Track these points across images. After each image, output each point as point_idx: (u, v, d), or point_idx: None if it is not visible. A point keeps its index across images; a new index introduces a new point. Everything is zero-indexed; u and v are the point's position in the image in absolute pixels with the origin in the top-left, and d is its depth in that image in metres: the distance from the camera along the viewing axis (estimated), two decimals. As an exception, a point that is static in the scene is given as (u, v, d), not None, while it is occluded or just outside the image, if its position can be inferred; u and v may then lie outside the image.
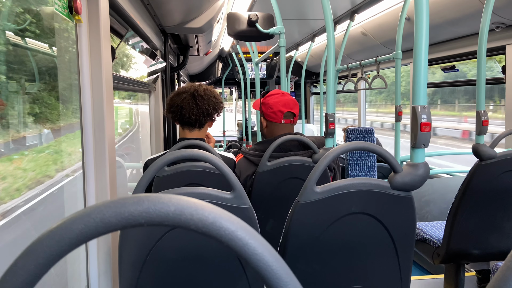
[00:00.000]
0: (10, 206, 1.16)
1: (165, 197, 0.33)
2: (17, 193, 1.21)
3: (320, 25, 4.21)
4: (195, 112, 1.74)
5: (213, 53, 5.45)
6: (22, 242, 1.19)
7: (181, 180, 1.53)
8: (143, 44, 2.75)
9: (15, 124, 1.19)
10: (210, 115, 1.79)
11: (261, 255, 0.32)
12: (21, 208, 1.22)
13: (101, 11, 1.36)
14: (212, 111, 1.78)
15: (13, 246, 1.17)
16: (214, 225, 0.32)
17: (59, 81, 1.42)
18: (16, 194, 1.20)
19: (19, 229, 1.24)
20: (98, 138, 1.39)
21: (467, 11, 2.52)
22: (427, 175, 1.14)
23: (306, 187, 1.08)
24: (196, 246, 1.06)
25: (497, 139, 1.73)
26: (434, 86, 3.79)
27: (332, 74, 1.75)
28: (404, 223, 1.13)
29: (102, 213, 0.32)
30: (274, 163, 1.75)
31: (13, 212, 1.18)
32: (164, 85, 3.38)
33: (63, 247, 0.31)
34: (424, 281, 2.27)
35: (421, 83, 1.14)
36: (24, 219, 1.25)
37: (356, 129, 4.06)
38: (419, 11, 1.12)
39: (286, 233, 1.11)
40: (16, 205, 1.19)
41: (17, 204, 1.20)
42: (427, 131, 1.14)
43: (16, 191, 1.21)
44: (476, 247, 1.82)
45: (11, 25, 1.13)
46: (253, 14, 2.36)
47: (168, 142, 3.50)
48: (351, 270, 1.17)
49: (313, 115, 7.58)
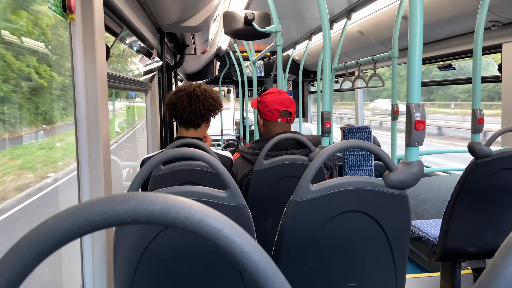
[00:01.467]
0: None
1: (152, 196, 0.33)
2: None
3: (317, 24, 4.20)
4: (187, 111, 1.74)
5: (210, 52, 5.44)
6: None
7: (177, 179, 1.53)
8: (139, 43, 2.74)
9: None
10: (204, 116, 1.79)
11: (248, 253, 0.32)
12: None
13: (95, 10, 1.35)
14: (206, 112, 1.78)
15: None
16: (200, 223, 0.32)
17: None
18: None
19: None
20: (93, 137, 1.39)
21: (463, 9, 2.52)
22: (422, 173, 1.14)
23: (301, 186, 1.07)
24: (191, 244, 1.06)
25: (492, 137, 1.73)
26: (429, 84, 3.79)
27: (328, 72, 1.75)
28: (399, 221, 1.13)
29: (88, 212, 0.32)
30: (271, 162, 1.75)
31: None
32: (161, 84, 3.37)
33: (48, 246, 0.31)
34: (420, 279, 2.28)
35: (415, 81, 1.14)
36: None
37: (354, 128, 4.06)
38: (413, 9, 1.12)
39: (281, 232, 1.10)
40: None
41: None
42: (421, 129, 1.14)
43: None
44: (473, 245, 1.82)
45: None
46: (250, 12, 2.36)
47: (165, 141, 3.49)
48: (346, 268, 1.17)
49: (311, 113, 7.58)
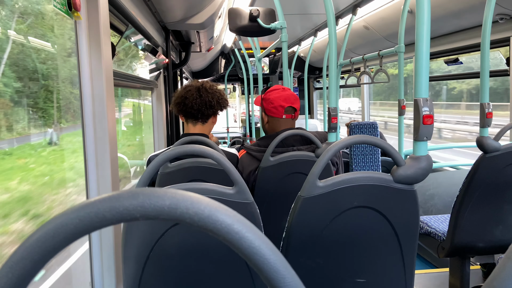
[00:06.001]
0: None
1: (160, 191, 0.32)
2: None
3: (322, 20, 4.18)
4: (198, 102, 1.77)
5: (216, 49, 5.43)
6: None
7: (184, 176, 1.53)
8: (145, 41, 2.74)
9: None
10: (213, 107, 1.81)
11: (258, 248, 0.32)
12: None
13: (100, 8, 1.36)
14: (215, 104, 1.81)
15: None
16: (210, 218, 0.32)
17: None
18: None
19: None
20: (99, 135, 1.39)
21: (470, 3, 2.49)
22: (430, 168, 1.13)
23: (309, 182, 1.07)
24: (198, 241, 1.06)
25: (501, 131, 1.71)
26: (436, 79, 3.76)
27: (334, 68, 1.74)
28: (407, 217, 1.12)
29: (97, 208, 0.31)
30: (277, 158, 1.75)
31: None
32: (166, 82, 3.37)
33: (59, 242, 0.31)
34: (429, 275, 2.27)
35: (423, 76, 1.13)
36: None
37: (360, 124, 4.04)
38: (420, 4, 1.11)
39: (289, 228, 1.10)
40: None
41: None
42: (429, 124, 1.13)
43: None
44: (481, 240, 1.80)
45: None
46: (255, 9, 2.35)
47: (171, 139, 3.50)
48: (355, 264, 1.16)
49: (317, 110, 7.55)
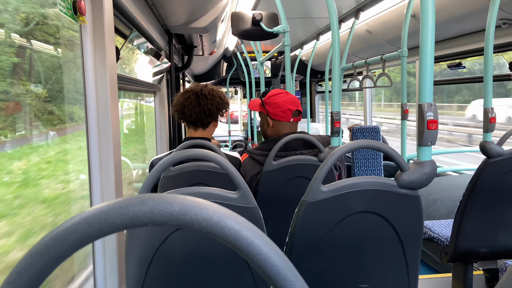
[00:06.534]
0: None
1: (170, 197, 0.33)
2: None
3: (324, 24, 4.19)
4: (196, 111, 1.75)
5: (218, 53, 5.44)
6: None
7: (186, 180, 1.53)
8: (148, 45, 2.75)
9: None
10: (213, 115, 1.80)
11: (267, 255, 0.32)
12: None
13: (105, 12, 1.36)
14: (214, 111, 1.79)
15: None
16: (218, 224, 0.32)
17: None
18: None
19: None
20: (103, 139, 1.40)
21: (474, 7, 2.50)
22: (434, 173, 1.13)
23: (312, 186, 1.07)
24: (202, 245, 1.06)
25: (505, 136, 1.71)
26: (440, 83, 3.76)
27: (337, 72, 1.74)
28: (411, 222, 1.12)
29: (106, 214, 0.32)
30: (280, 162, 1.75)
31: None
32: (169, 85, 3.38)
33: (68, 247, 0.31)
34: (432, 280, 2.26)
35: (427, 80, 1.13)
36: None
37: (362, 128, 4.04)
38: (425, 8, 1.11)
39: (292, 233, 1.10)
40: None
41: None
42: (433, 129, 1.13)
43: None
44: (484, 245, 1.80)
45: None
46: (257, 13, 2.36)
47: (174, 142, 3.50)
48: (358, 269, 1.16)
49: (319, 114, 7.56)
